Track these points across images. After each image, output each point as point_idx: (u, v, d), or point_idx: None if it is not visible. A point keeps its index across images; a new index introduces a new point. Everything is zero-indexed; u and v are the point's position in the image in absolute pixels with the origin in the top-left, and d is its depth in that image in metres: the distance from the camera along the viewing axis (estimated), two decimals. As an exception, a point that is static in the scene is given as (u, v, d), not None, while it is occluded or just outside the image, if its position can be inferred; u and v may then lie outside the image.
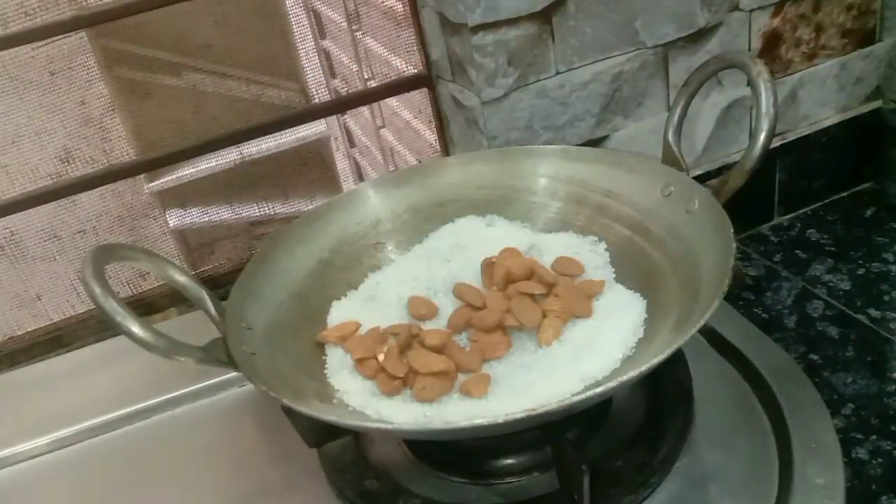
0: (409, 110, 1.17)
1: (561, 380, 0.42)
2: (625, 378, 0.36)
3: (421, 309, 0.49)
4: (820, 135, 0.76)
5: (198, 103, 2.22)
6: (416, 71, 0.75)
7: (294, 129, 2.03)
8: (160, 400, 0.58)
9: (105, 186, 0.71)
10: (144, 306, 0.73)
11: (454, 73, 0.67)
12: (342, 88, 1.93)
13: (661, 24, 0.65)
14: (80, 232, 1.97)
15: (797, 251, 0.72)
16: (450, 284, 0.51)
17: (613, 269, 0.50)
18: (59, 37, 0.70)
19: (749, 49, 0.69)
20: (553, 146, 0.57)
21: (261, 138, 0.71)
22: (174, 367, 0.41)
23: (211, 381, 0.58)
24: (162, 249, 2.09)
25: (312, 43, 2.02)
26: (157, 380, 0.58)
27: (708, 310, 0.38)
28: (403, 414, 0.42)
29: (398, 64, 1.15)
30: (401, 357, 0.45)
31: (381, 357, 0.45)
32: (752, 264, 0.71)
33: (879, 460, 0.50)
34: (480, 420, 0.38)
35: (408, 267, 0.54)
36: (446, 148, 0.76)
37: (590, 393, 0.36)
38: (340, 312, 0.51)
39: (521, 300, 0.47)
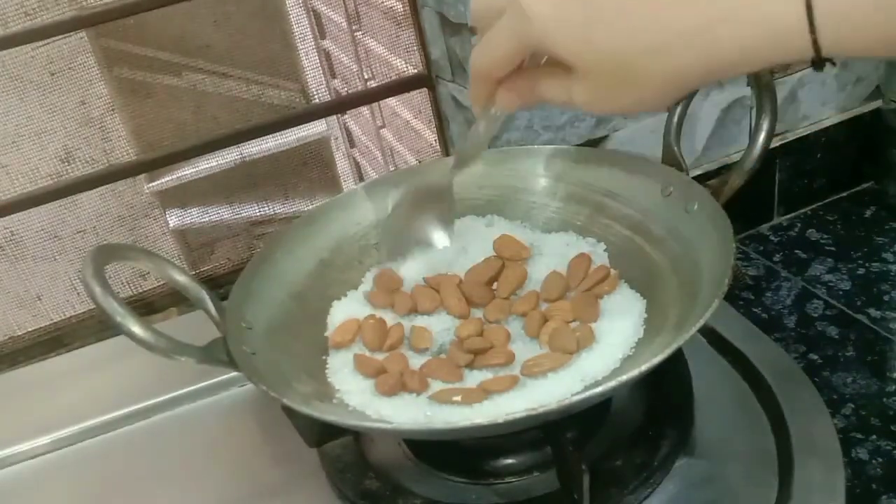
0: (408, 110, 1.17)
1: (561, 379, 0.42)
2: (624, 378, 0.36)
3: (426, 302, 0.49)
4: (820, 135, 0.76)
5: (198, 103, 2.22)
6: (415, 71, 0.75)
7: (294, 129, 2.03)
8: (160, 400, 0.58)
9: (105, 186, 0.71)
10: (145, 306, 0.73)
11: (454, 73, 0.67)
12: (342, 88, 1.93)
13: (660, 25, 0.65)
14: (80, 232, 1.97)
15: (797, 251, 0.72)
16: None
17: (613, 269, 0.50)
18: (60, 37, 0.70)
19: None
20: (553, 146, 0.57)
21: (261, 138, 0.71)
22: (174, 366, 0.41)
23: (211, 381, 0.58)
24: (162, 249, 2.09)
25: (312, 43, 2.02)
26: (157, 380, 0.58)
27: (708, 309, 0.38)
28: (403, 414, 0.42)
29: (398, 64, 1.15)
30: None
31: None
32: (751, 264, 0.71)
33: (879, 460, 0.50)
34: (480, 420, 0.38)
35: (408, 267, 0.54)
36: (446, 148, 0.76)
37: (589, 393, 0.36)
38: (340, 312, 0.51)
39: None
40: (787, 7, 0.28)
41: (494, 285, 0.51)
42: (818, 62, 0.29)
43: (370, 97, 0.97)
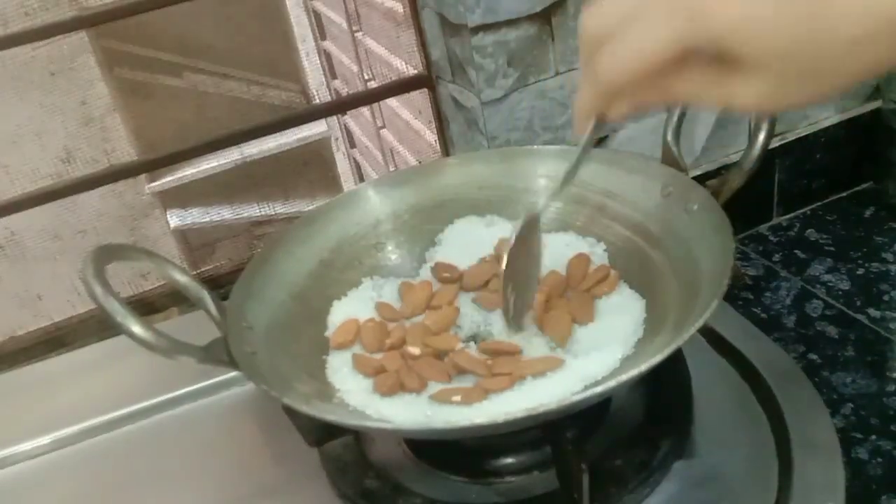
0: (409, 111, 1.17)
1: (561, 379, 0.42)
2: (624, 378, 0.36)
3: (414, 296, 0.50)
4: (819, 135, 0.76)
5: (199, 104, 2.23)
6: (416, 71, 0.75)
7: (295, 129, 2.04)
8: (161, 399, 0.58)
9: (106, 186, 0.71)
10: (145, 306, 0.73)
11: (454, 74, 0.67)
12: (343, 89, 1.94)
13: (660, 25, 0.65)
14: (80, 232, 1.97)
15: (796, 251, 0.72)
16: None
17: (613, 269, 0.51)
18: (60, 37, 0.70)
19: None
20: (553, 146, 0.57)
21: (262, 139, 0.71)
22: (175, 366, 0.41)
23: (211, 381, 0.58)
24: (163, 249, 2.09)
25: (313, 44, 2.03)
26: (157, 379, 0.58)
27: (707, 309, 0.38)
28: (404, 413, 0.42)
29: (398, 65, 1.16)
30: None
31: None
32: (751, 264, 0.71)
33: (879, 460, 0.50)
34: (480, 420, 0.38)
35: (408, 267, 0.54)
36: (446, 148, 0.76)
37: (589, 392, 0.36)
38: (341, 312, 0.51)
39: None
40: None
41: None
42: None
43: (370, 98, 0.97)
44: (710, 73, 0.31)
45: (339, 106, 1.20)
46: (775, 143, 0.74)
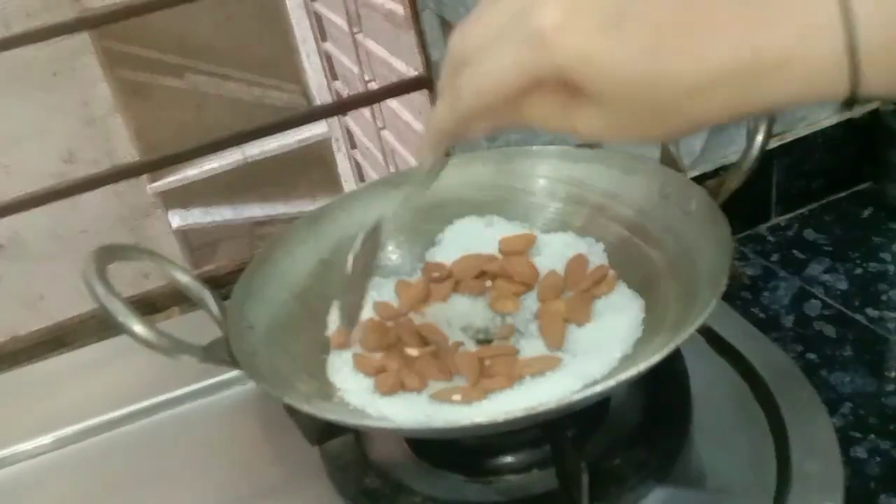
0: (409, 112, 1.17)
1: (560, 379, 0.43)
2: (623, 377, 0.36)
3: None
4: (818, 135, 0.76)
5: (200, 104, 2.23)
6: (416, 73, 0.75)
7: (296, 130, 2.04)
8: (162, 399, 0.58)
9: (107, 187, 0.71)
10: (147, 306, 0.73)
11: (454, 75, 0.68)
12: (343, 90, 1.94)
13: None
14: (82, 232, 1.98)
15: (795, 251, 0.72)
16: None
17: (612, 269, 0.51)
18: (62, 38, 0.70)
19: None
20: (552, 147, 0.57)
21: (263, 140, 0.72)
22: (176, 366, 0.41)
23: (212, 380, 0.58)
24: (164, 249, 2.10)
25: (314, 45, 2.03)
26: (158, 379, 0.58)
27: (706, 309, 0.38)
28: (404, 412, 0.42)
29: (399, 66, 1.16)
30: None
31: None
32: (749, 264, 0.72)
33: (878, 459, 0.50)
34: (480, 419, 0.38)
35: (408, 267, 0.54)
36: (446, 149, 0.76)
37: (588, 392, 0.36)
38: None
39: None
40: (834, 52, 0.26)
41: (489, 283, 0.51)
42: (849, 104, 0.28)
43: (371, 99, 0.98)
44: (558, 99, 0.31)
45: (340, 107, 1.21)
46: (774, 144, 0.74)
